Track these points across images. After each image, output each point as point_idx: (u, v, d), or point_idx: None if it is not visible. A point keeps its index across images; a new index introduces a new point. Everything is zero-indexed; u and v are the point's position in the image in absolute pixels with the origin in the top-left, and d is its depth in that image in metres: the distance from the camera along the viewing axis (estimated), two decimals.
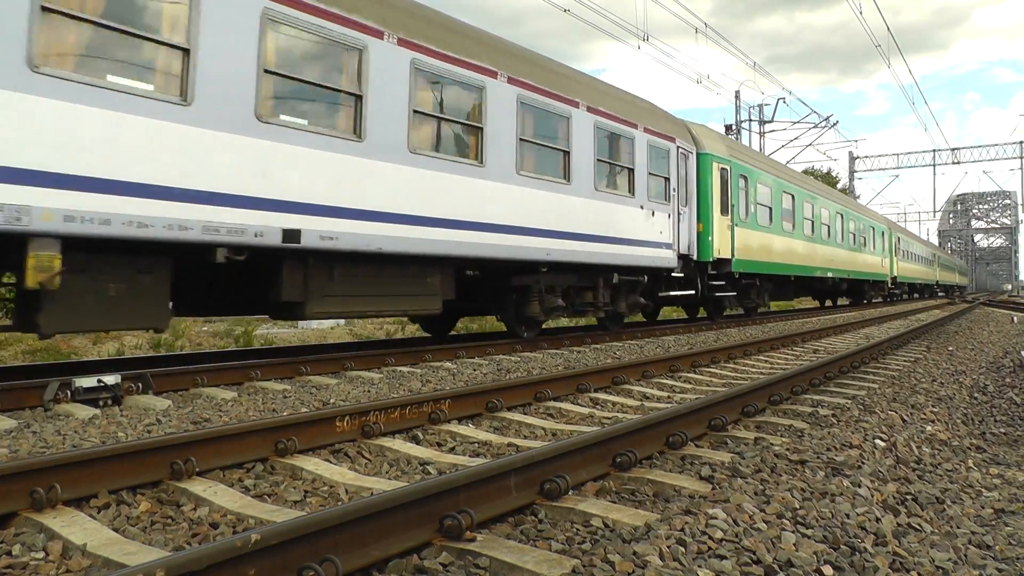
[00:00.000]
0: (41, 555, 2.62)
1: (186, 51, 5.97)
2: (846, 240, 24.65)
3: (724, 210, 14.70)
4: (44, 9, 5.12)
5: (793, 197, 19.03)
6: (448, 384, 6.72)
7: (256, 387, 6.46)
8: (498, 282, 10.15)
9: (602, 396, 6.08)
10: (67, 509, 2.99)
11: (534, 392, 5.74)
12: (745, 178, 15.87)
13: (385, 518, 2.52)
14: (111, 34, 5.55)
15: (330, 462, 3.93)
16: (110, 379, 5.61)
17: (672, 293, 13.72)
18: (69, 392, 5.44)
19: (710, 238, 14.10)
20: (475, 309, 11.26)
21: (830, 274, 22.55)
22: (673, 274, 13.21)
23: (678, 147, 13.25)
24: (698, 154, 14.19)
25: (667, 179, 12.83)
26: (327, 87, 7.16)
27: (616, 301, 12.22)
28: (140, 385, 5.84)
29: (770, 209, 17.32)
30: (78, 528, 2.79)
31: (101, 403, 5.50)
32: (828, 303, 30.74)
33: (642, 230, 11.98)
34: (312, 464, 3.78)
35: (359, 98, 7.41)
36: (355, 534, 2.42)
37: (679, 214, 13.18)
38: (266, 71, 6.55)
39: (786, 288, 20.35)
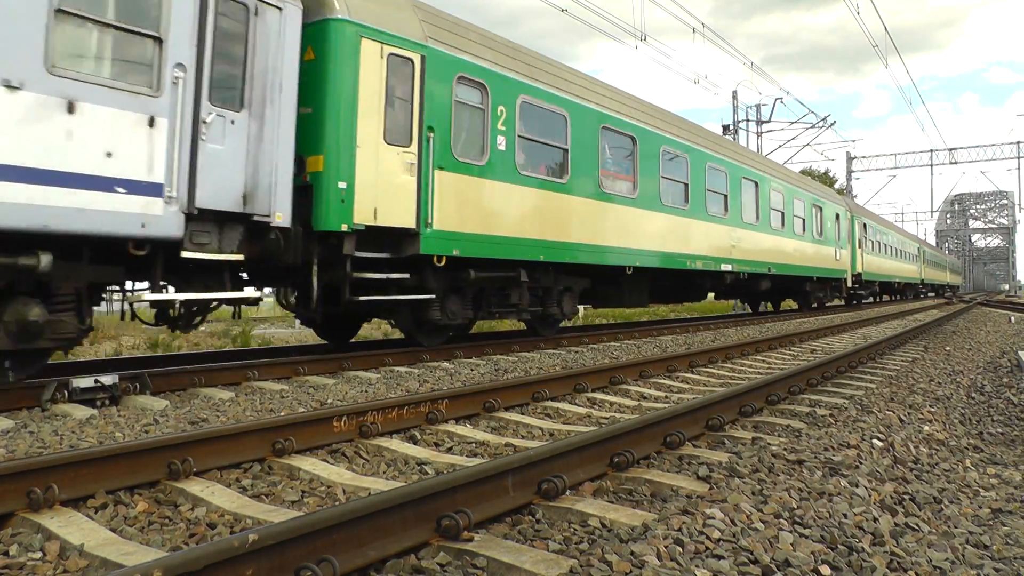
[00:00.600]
0: (38, 555, 2.62)
1: None
2: (762, 220, 16.81)
3: (391, 135, 7.66)
4: None
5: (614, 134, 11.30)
6: (446, 384, 6.70)
7: (254, 387, 6.46)
8: None
9: (599, 396, 6.08)
10: (64, 509, 2.99)
11: (532, 392, 5.73)
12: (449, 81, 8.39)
13: (382, 518, 2.51)
14: None
15: (327, 462, 3.92)
16: (107, 379, 5.60)
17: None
18: (66, 392, 5.43)
19: (338, 183, 7.15)
20: None
21: (728, 266, 14.90)
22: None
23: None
24: (324, 21, 7.24)
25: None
26: None
27: None
28: (138, 385, 5.83)
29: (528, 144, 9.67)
30: (75, 528, 2.79)
31: (99, 403, 5.49)
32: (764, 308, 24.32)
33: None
34: (310, 464, 3.77)
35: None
36: (352, 534, 2.42)
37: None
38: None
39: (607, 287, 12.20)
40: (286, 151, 6.73)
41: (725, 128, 32.56)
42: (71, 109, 5.22)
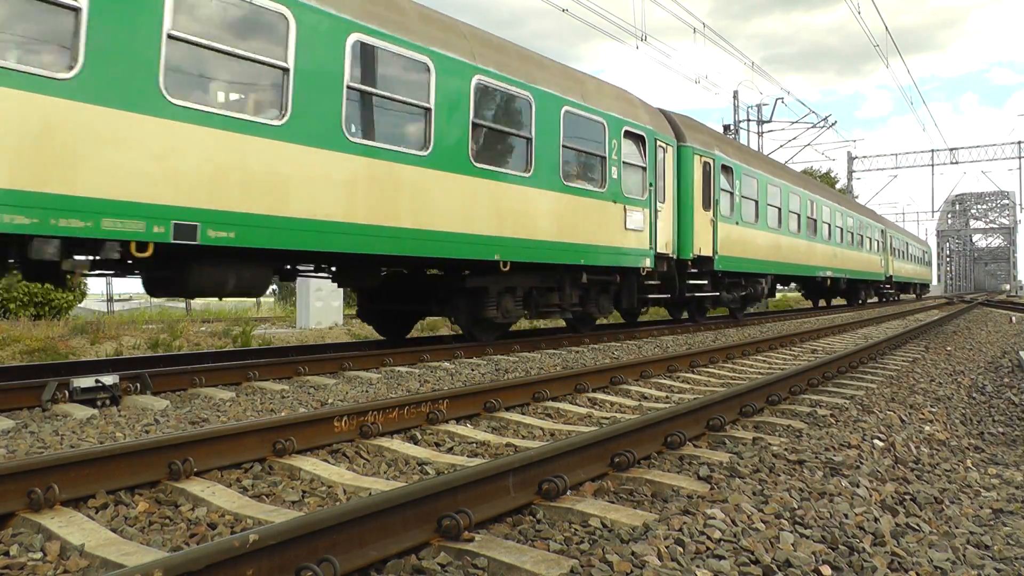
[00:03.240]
0: (39, 555, 2.62)
1: None
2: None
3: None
4: None
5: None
6: (446, 384, 6.70)
7: (254, 387, 6.46)
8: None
9: (600, 396, 6.08)
10: (65, 509, 2.98)
11: (532, 392, 5.73)
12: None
13: (383, 518, 2.50)
14: None
15: (328, 462, 3.91)
16: (108, 379, 5.60)
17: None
18: (67, 392, 5.43)
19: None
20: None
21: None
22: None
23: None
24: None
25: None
26: None
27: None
28: (138, 385, 5.84)
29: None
30: (76, 528, 2.78)
31: (99, 403, 5.50)
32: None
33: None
34: (310, 464, 3.77)
35: None
36: (353, 534, 2.41)
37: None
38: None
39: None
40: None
41: (726, 128, 32.54)
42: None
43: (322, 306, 16.91)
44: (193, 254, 6.51)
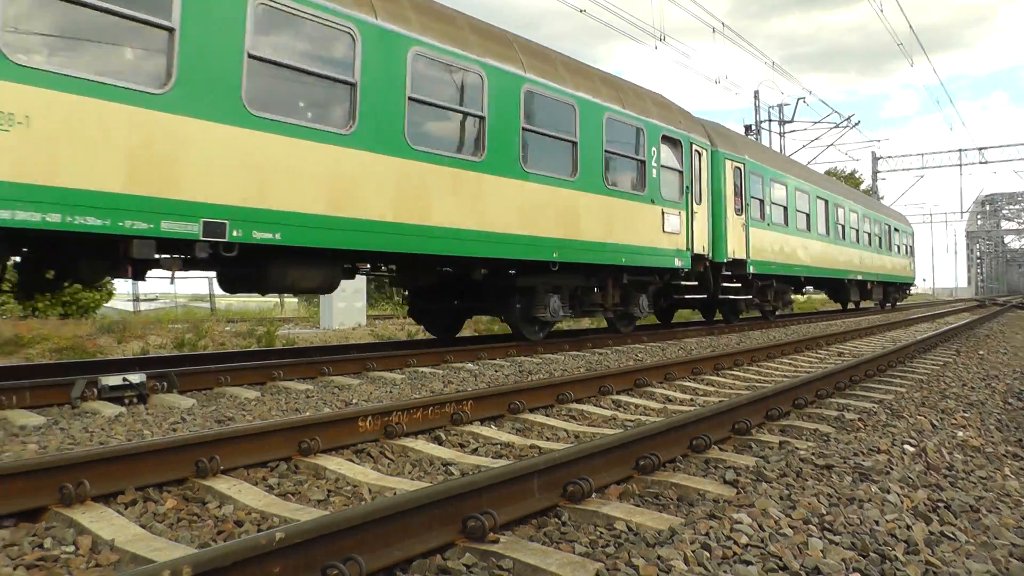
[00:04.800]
0: (71, 549, 2.66)
1: None
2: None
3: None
4: None
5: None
6: (470, 385, 6.72)
7: (279, 387, 6.51)
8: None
9: (624, 398, 6.05)
10: (95, 505, 3.03)
11: (556, 394, 5.72)
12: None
13: (408, 518, 2.50)
14: None
15: (353, 462, 3.93)
16: (135, 378, 5.69)
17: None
18: (95, 390, 5.52)
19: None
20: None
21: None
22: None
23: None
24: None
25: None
26: None
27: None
28: (165, 384, 5.91)
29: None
30: (106, 523, 2.83)
31: (127, 401, 5.57)
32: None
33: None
34: (335, 464, 3.79)
35: None
36: (378, 534, 2.41)
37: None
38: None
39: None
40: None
41: (748, 128, 32.24)
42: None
43: (345, 307, 17.01)
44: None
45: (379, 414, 4.44)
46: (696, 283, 13.19)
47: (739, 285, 14.66)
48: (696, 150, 13.04)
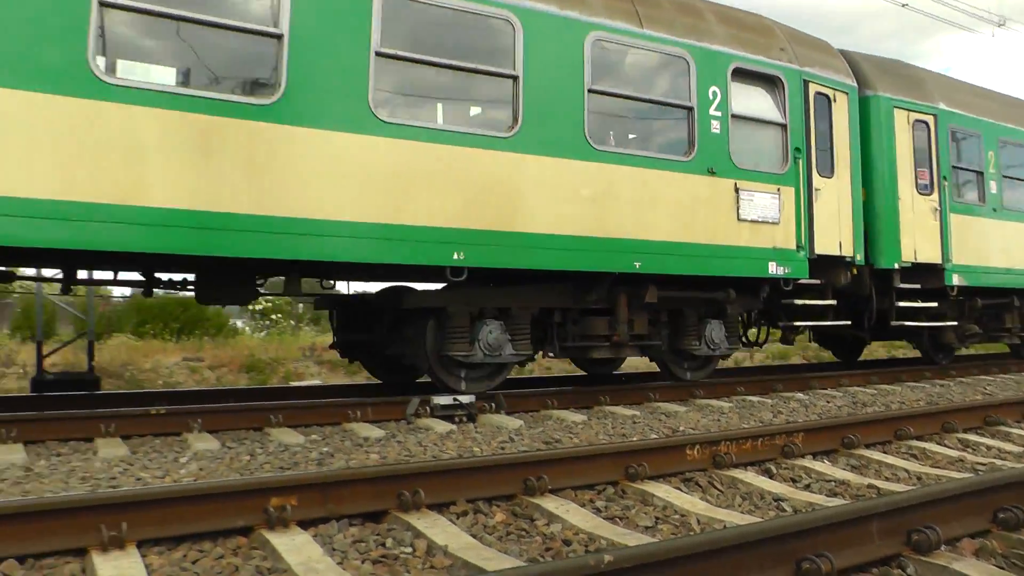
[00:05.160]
0: (409, 550, 2.77)
1: None
2: None
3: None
4: None
5: None
6: (800, 416, 6.20)
7: (605, 411, 6.43)
8: None
9: (973, 438, 5.22)
10: (430, 512, 3.14)
11: (894, 429, 5.12)
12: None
13: (738, 553, 2.36)
14: None
15: (680, 490, 3.69)
16: (465, 398, 6.02)
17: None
18: (428, 408, 5.94)
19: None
20: None
21: None
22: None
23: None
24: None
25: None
26: None
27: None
28: (493, 405, 6.16)
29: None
30: (439, 530, 2.91)
31: (457, 419, 5.89)
32: None
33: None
34: (663, 491, 3.60)
35: None
36: (707, 567, 2.27)
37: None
38: None
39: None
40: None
41: None
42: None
43: None
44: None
45: (707, 443, 4.21)
46: (830, 301, 8.46)
47: (931, 304, 9.33)
48: (821, 93, 8.36)
